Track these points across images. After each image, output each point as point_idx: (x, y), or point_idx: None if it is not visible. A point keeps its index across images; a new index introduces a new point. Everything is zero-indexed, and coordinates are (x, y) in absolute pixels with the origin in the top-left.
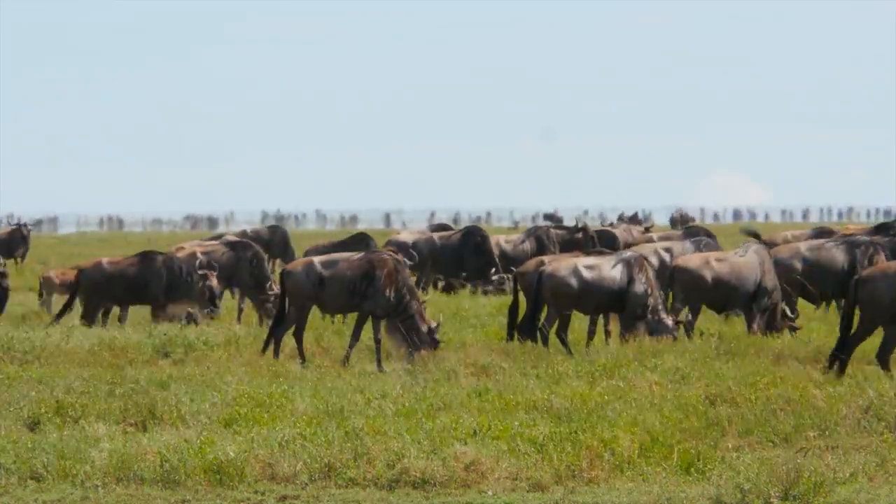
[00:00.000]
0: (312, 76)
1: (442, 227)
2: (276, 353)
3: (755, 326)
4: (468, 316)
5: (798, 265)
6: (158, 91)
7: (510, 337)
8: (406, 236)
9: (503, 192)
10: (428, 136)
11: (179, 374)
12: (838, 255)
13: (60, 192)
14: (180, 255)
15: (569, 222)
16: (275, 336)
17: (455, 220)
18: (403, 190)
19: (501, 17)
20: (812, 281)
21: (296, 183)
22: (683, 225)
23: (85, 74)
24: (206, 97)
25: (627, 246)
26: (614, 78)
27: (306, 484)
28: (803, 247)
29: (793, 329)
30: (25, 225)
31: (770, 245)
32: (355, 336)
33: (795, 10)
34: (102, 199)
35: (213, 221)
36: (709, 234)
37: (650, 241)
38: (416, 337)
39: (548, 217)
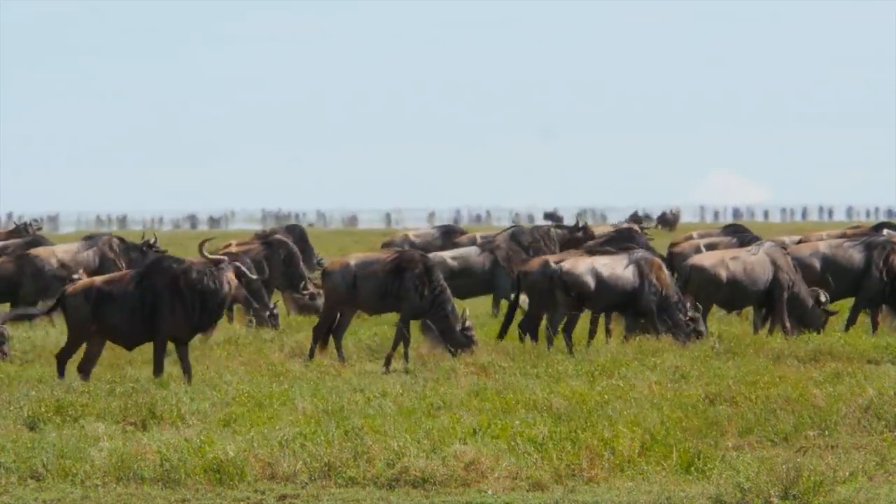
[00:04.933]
0: (312, 75)
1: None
2: (340, 355)
3: (759, 325)
4: (468, 315)
5: (816, 264)
6: (158, 90)
7: (501, 335)
8: (411, 237)
9: (503, 192)
10: (428, 136)
11: (179, 374)
12: (855, 255)
13: (60, 191)
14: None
15: (568, 221)
16: (335, 339)
17: (455, 220)
18: (403, 190)
19: (500, 17)
20: (830, 279)
21: (296, 182)
22: (675, 224)
23: (84, 74)
24: (207, 96)
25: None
26: (613, 78)
27: (306, 483)
28: (822, 245)
29: (828, 313)
30: (31, 224)
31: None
32: (405, 340)
33: (794, 10)
34: (102, 198)
35: (213, 220)
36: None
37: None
38: (451, 337)
39: (548, 216)
